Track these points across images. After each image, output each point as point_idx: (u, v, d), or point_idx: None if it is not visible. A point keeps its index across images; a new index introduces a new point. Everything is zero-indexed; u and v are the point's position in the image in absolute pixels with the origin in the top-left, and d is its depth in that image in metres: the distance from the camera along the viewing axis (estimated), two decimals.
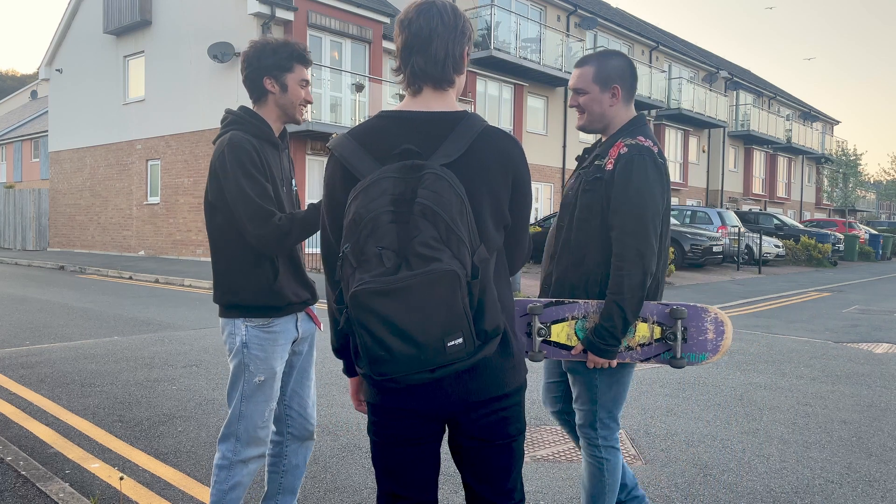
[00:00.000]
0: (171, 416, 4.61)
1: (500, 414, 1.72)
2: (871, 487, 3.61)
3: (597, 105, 2.48)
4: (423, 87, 1.71)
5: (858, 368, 6.59)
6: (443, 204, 1.51)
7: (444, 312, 1.49)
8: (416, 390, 1.66)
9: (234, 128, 2.45)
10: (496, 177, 1.67)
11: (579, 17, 25.40)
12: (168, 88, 19.03)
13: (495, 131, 1.70)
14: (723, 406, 5.13)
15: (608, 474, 2.57)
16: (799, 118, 41.22)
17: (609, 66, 2.46)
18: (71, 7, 22.27)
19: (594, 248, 2.42)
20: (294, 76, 2.47)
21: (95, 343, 7.09)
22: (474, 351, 1.55)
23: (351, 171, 1.64)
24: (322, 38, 17.50)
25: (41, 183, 30.74)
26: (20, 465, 3.50)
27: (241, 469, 2.47)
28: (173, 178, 18.95)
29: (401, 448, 1.74)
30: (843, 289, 15.20)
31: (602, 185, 2.40)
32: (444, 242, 1.50)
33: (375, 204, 1.52)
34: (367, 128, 1.70)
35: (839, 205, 38.69)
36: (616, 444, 2.59)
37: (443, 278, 1.47)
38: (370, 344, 1.50)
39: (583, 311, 2.42)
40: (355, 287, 1.48)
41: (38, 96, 43.31)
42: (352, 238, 1.53)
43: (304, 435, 2.68)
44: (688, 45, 37.23)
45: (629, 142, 2.40)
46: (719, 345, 2.44)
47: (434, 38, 1.67)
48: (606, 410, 2.54)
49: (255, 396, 2.46)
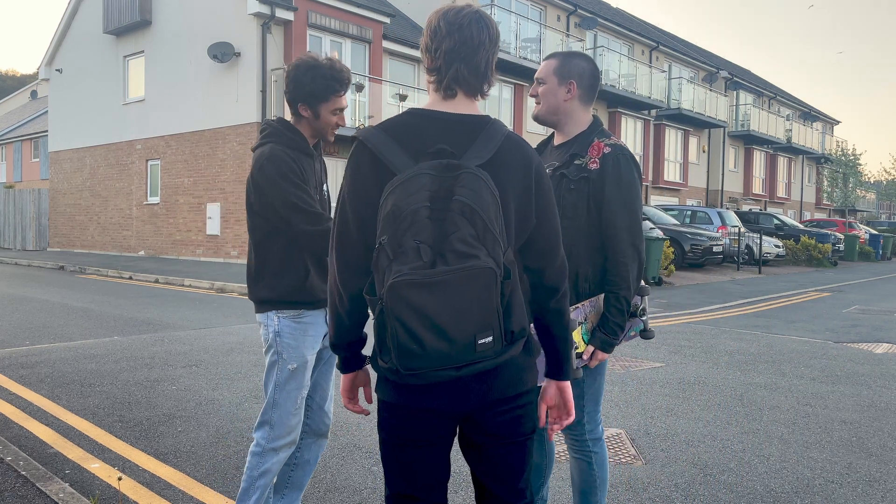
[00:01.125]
0: (171, 416, 4.61)
1: (517, 412, 1.74)
2: (871, 487, 3.61)
3: (552, 96, 2.54)
4: (457, 93, 1.74)
5: (858, 368, 6.59)
6: (481, 203, 1.55)
7: (479, 309, 1.51)
8: (436, 388, 1.66)
9: (271, 140, 2.59)
10: (521, 180, 1.71)
11: (579, 17, 25.40)
12: (168, 88, 19.03)
13: (518, 137, 1.76)
14: (723, 406, 5.13)
15: (598, 467, 2.59)
16: (799, 118, 41.22)
17: (571, 63, 2.54)
18: (71, 7, 22.27)
19: (581, 246, 2.46)
20: (328, 105, 2.57)
21: (95, 343, 7.09)
22: (501, 350, 1.58)
23: (384, 164, 1.65)
24: (322, 38, 17.50)
25: (41, 183, 30.74)
26: (20, 465, 3.50)
27: (272, 457, 2.59)
28: (173, 178, 18.95)
29: (414, 449, 1.73)
30: (843, 289, 15.20)
31: (588, 184, 2.44)
32: (480, 241, 1.53)
33: (414, 199, 1.54)
34: (399, 123, 1.71)
35: (839, 205, 38.68)
36: (602, 435, 2.62)
37: (481, 275, 1.50)
38: (403, 337, 1.50)
39: (583, 315, 2.46)
40: (393, 278, 1.49)
41: (38, 96, 43.32)
42: (389, 230, 1.54)
43: (321, 430, 2.79)
44: (688, 45, 37.23)
45: (609, 142, 2.49)
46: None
47: (481, 49, 1.72)
48: (592, 403, 2.58)
49: (288, 384, 2.59)
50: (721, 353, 7.19)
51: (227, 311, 9.54)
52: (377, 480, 3.57)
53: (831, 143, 42.64)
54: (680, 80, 29.34)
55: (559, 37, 23.47)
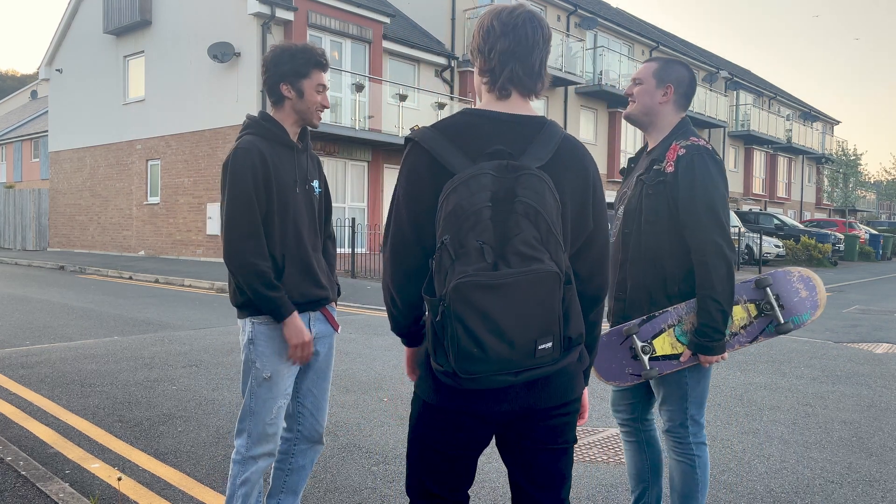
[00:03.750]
0: (171, 416, 4.61)
1: (564, 419, 1.71)
2: (871, 487, 3.61)
3: (648, 97, 2.58)
4: (512, 93, 1.71)
5: (858, 368, 6.59)
6: (545, 205, 1.52)
7: (542, 314, 1.48)
8: (486, 393, 1.61)
9: (249, 131, 2.52)
10: (580, 184, 1.68)
11: (579, 17, 25.40)
12: (168, 88, 19.03)
13: (574, 139, 1.73)
14: (723, 406, 5.13)
15: (700, 471, 2.60)
16: (799, 118, 41.20)
17: (671, 68, 2.60)
18: (71, 7, 22.27)
19: (666, 248, 2.49)
20: (310, 82, 2.51)
21: (95, 343, 7.09)
22: (559, 357, 1.55)
23: (442, 164, 1.61)
24: (322, 38, 17.50)
25: (41, 183, 30.74)
26: (20, 465, 3.50)
27: (252, 465, 2.52)
28: (173, 178, 18.95)
29: (447, 453, 1.70)
30: (844, 289, 15.20)
31: (665, 187, 2.48)
32: (543, 244, 1.50)
33: (477, 198, 1.50)
34: (454, 123, 1.68)
35: (839, 205, 38.67)
36: (705, 440, 2.64)
37: (546, 279, 1.47)
38: (464, 339, 1.46)
39: (676, 318, 2.48)
40: (458, 279, 1.45)
41: (38, 96, 43.31)
42: (451, 230, 1.50)
43: (314, 437, 2.70)
44: (688, 44, 37.23)
45: (684, 143, 2.50)
46: (816, 299, 2.56)
47: (535, 49, 1.69)
48: (696, 406, 2.59)
49: (263, 393, 2.49)
50: None
51: (227, 311, 9.53)
52: (377, 480, 3.57)
53: (831, 143, 42.62)
54: None
55: (559, 37, 23.45)
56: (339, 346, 7.02)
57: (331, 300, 2.63)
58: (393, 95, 18.74)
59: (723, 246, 2.40)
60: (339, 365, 6.18)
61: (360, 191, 18.76)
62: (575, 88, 24.67)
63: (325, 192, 2.72)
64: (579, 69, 24.20)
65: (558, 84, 23.86)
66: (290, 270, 2.48)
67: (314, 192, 2.63)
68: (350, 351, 6.84)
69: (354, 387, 5.45)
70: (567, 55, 23.49)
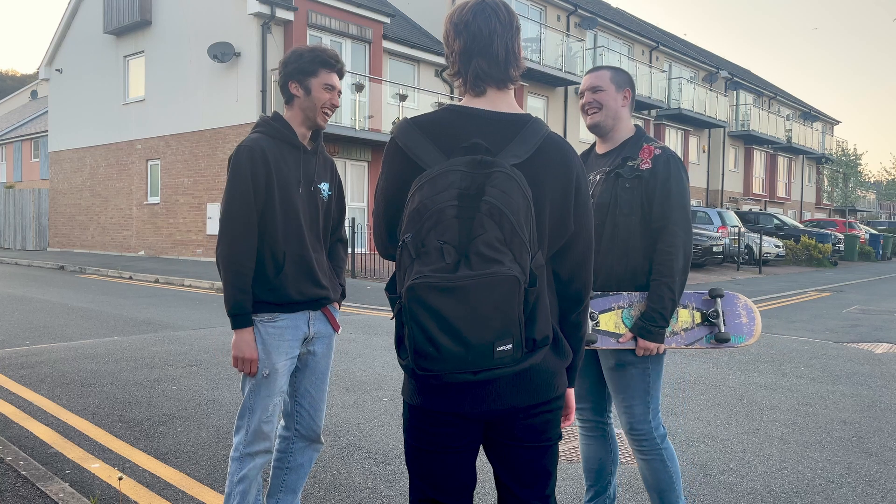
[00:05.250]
0: (171, 416, 4.61)
1: (546, 416, 1.70)
2: (871, 487, 3.61)
3: (613, 101, 2.69)
4: (486, 89, 1.69)
5: (858, 368, 6.59)
6: (511, 205, 1.48)
7: (500, 317, 1.46)
8: (463, 393, 1.61)
9: (257, 130, 2.57)
10: (560, 182, 1.65)
11: (579, 17, 25.40)
12: (168, 88, 19.03)
13: (559, 137, 1.70)
14: (723, 406, 5.13)
15: (670, 462, 2.65)
16: (799, 118, 41.21)
17: (622, 74, 2.73)
18: (71, 7, 22.27)
19: (637, 241, 2.61)
20: (318, 80, 2.54)
21: (95, 343, 7.09)
22: (521, 359, 1.52)
23: (413, 160, 1.61)
24: (322, 38, 17.50)
25: (41, 183, 30.73)
26: (20, 465, 3.50)
27: (249, 462, 2.54)
28: (173, 178, 18.95)
29: (440, 454, 1.69)
30: (844, 289, 15.20)
31: (642, 182, 2.60)
32: (506, 245, 1.47)
33: (441, 196, 1.48)
34: (433, 119, 1.66)
35: (839, 205, 38.68)
36: (665, 431, 2.71)
37: (503, 283, 1.44)
38: (419, 338, 1.46)
39: (627, 302, 2.60)
40: (413, 279, 1.45)
41: (38, 96, 43.31)
42: (413, 228, 1.49)
43: (311, 436, 2.72)
44: (688, 45, 37.22)
45: (659, 144, 2.66)
46: (753, 329, 2.71)
47: (494, 38, 1.65)
48: (657, 399, 2.68)
49: (260, 390, 2.52)
50: (721, 352, 7.19)
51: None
52: (377, 480, 3.57)
53: (831, 143, 42.63)
54: (680, 80, 29.34)
55: (559, 37, 23.47)
56: (339, 346, 7.03)
57: (332, 300, 2.64)
58: (393, 95, 18.75)
59: (688, 243, 2.57)
60: (339, 365, 6.18)
61: (360, 191, 18.75)
62: (575, 88, 24.66)
63: (338, 196, 2.73)
64: (579, 69, 24.20)
65: (558, 84, 23.87)
66: (289, 268, 2.50)
67: (321, 194, 2.64)
68: (350, 351, 6.85)
69: (354, 387, 5.45)
70: (567, 55, 23.49)
